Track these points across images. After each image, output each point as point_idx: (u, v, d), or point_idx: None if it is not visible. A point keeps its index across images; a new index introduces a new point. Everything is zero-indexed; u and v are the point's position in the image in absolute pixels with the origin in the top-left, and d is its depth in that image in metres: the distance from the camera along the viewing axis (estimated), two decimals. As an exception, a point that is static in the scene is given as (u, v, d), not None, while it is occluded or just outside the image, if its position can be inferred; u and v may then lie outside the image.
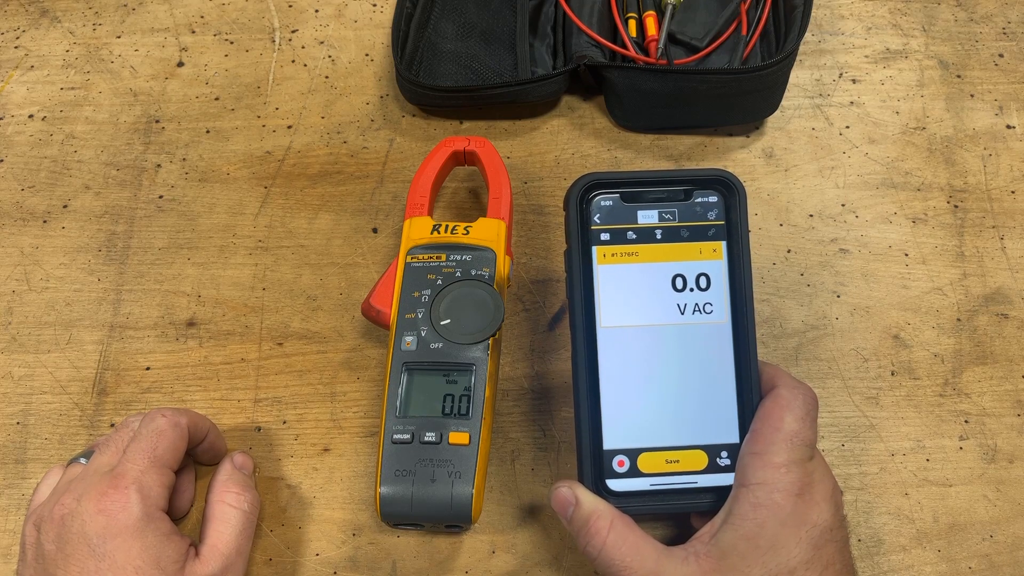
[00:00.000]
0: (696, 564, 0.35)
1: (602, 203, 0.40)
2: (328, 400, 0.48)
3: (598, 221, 0.40)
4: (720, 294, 0.39)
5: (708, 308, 0.39)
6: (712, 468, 0.38)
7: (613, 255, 0.40)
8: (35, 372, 0.49)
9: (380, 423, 0.42)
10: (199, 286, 0.51)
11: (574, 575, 0.43)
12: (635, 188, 0.40)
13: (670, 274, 0.39)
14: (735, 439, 0.39)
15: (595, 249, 0.40)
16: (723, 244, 0.40)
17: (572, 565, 0.44)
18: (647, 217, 0.40)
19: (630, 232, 0.40)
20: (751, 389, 0.39)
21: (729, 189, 0.40)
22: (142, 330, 0.50)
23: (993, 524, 0.44)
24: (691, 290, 0.39)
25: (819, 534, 0.35)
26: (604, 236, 0.40)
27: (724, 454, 0.39)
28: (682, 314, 0.39)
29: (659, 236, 0.40)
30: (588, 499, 0.38)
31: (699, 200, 0.40)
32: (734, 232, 0.40)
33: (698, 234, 0.40)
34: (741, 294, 0.39)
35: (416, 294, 0.44)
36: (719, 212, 0.40)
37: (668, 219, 0.40)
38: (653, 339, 0.39)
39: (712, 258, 0.40)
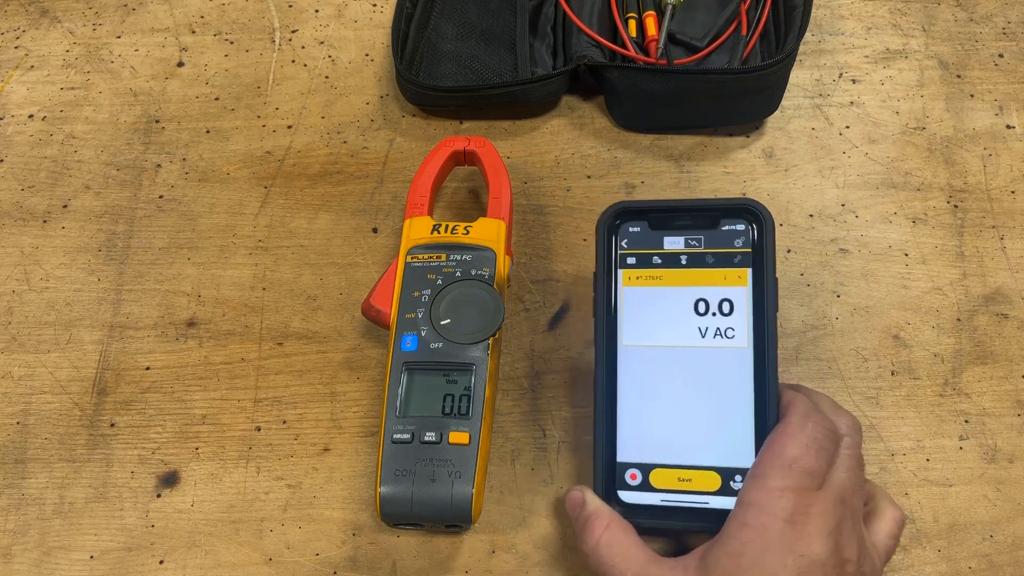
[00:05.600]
0: (683, 575, 0.36)
1: (631, 229, 0.41)
2: (328, 400, 0.48)
3: (625, 246, 0.41)
4: (743, 319, 0.40)
5: (730, 333, 0.40)
6: (725, 491, 0.38)
7: (638, 278, 0.41)
8: (35, 372, 0.49)
9: (380, 423, 0.42)
10: (199, 286, 0.51)
11: (574, 575, 0.43)
12: (662, 214, 0.41)
13: (693, 298, 0.40)
14: (750, 464, 0.38)
15: (621, 272, 0.41)
16: (748, 271, 0.40)
17: (572, 565, 0.44)
18: (673, 243, 0.41)
19: (656, 257, 0.41)
20: (769, 414, 0.38)
21: (757, 218, 0.40)
22: (142, 330, 0.50)
23: (993, 524, 0.44)
24: (713, 314, 0.40)
25: (807, 566, 0.34)
26: (631, 260, 0.41)
27: (738, 478, 0.38)
28: (703, 337, 0.40)
29: (684, 261, 0.41)
30: (593, 502, 0.39)
31: (726, 228, 0.41)
32: (760, 260, 0.40)
33: (723, 260, 0.40)
34: (764, 320, 0.39)
35: (416, 294, 0.44)
36: (746, 240, 0.40)
37: (694, 245, 0.41)
38: (673, 360, 0.40)
39: (736, 284, 0.40)
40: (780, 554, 0.34)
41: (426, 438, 0.41)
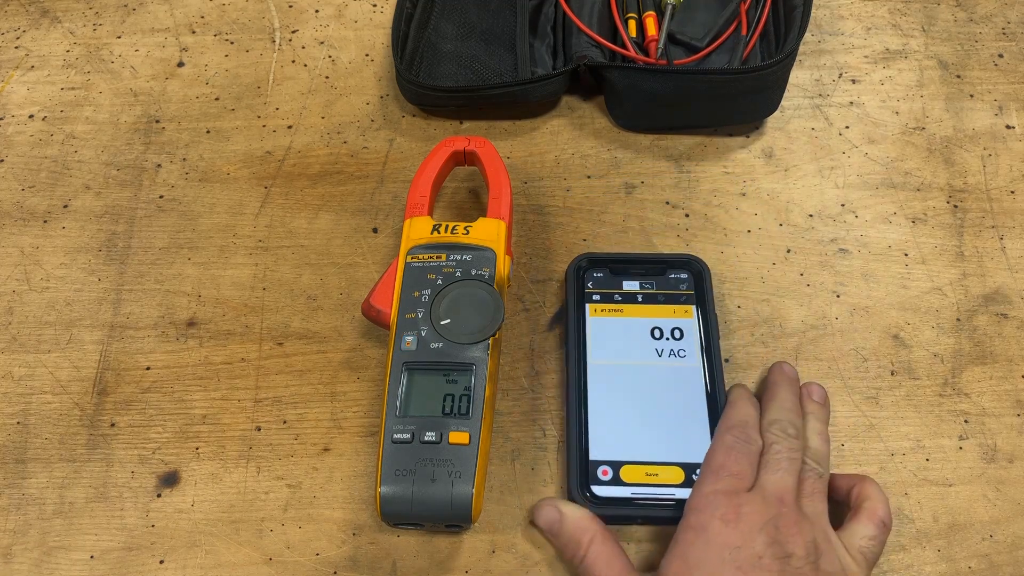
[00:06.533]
0: None
1: (595, 274, 0.49)
2: (328, 400, 0.48)
3: (591, 287, 0.48)
4: (692, 343, 0.46)
5: (682, 353, 0.46)
6: (688, 483, 0.42)
7: (602, 310, 0.48)
8: (35, 372, 0.49)
9: (380, 423, 0.42)
10: (199, 286, 0.51)
11: (573, 575, 0.43)
12: (620, 264, 0.49)
13: (649, 326, 0.47)
14: None
15: (588, 306, 0.48)
16: (694, 306, 0.47)
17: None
18: (630, 285, 0.48)
19: (617, 295, 0.48)
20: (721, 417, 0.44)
21: (697, 268, 0.48)
22: (142, 330, 0.50)
23: (993, 524, 0.44)
24: (667, 339, 0.46)
25: (744, 559, 0.36)
26: (595, 297, 0.48)
27: (699, 471, 0.42)
28: (659, 356, 0.46)
29: (640, 299, 0.48)
30: (572, 513, 0.41)
31: (672, 275, 0.49)
32: (701, 300, 0.48)
33: (672, 299, 0.48)
34: (710, 344, 0.46)
35: (416, 294, 0.44)
36: (689, 284, 0.48)
37: (648, 288, 0.48)
38: (635, 374, 0.46)
39: (684, 316, 0.47)
40: (719, 549, 0.37)
41: (426, 438, 0.41)
